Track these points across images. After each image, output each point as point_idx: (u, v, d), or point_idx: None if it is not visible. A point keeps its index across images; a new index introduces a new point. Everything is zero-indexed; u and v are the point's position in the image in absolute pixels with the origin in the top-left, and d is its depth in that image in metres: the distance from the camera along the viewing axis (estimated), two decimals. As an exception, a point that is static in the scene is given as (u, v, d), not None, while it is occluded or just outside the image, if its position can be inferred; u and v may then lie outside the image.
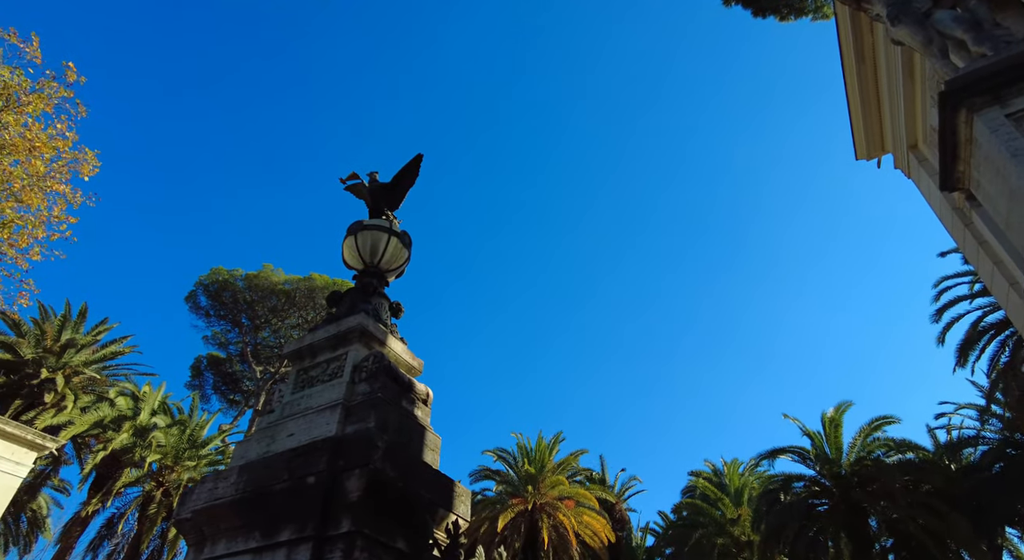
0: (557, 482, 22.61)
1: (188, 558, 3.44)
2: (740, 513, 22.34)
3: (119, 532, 22.35)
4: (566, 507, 21.66)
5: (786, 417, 19.82)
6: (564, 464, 24.16)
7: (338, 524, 3.01)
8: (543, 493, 22.46)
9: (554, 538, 21.32)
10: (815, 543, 17.65)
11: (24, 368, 21.57)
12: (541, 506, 22.04)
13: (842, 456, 18.66)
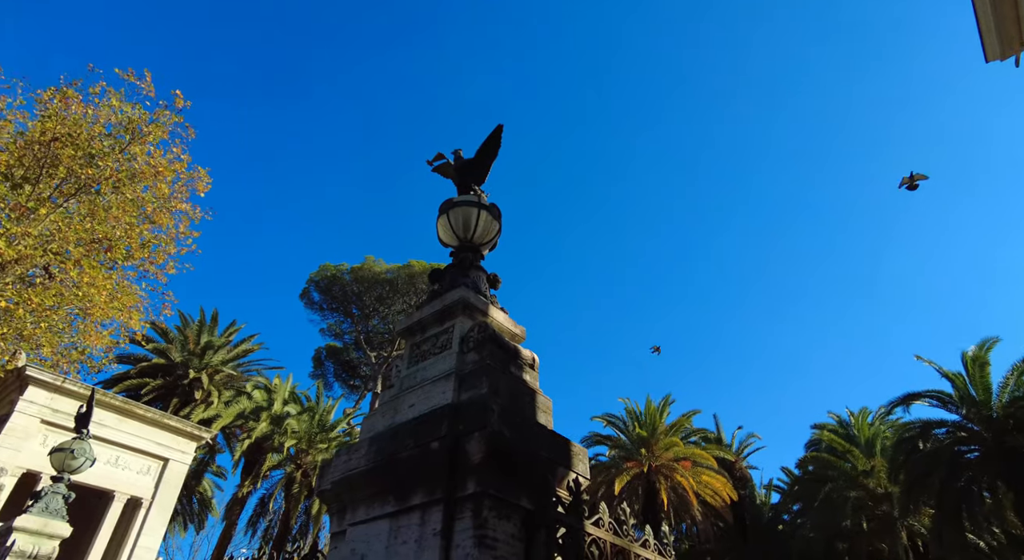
0: (671, 444, 22.39)
1: (332, 525, 3.74)
2: (873, 464, 21.04)
3: (270, 509, 24.90)
4: (683, 468, 21.46)
5: (919, 359, 18.26)
6: (676, 426, 23.85)
7: (464, 485, 3.14)
8: (657, 455, 22.36)
9: (673, 499, 21.24)
10: (967, 493, 16.27)
11: (175, 370, 24.28)
12: (657, 468, 21.98)
13: (991, 398, 16.97)
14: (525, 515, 3.21)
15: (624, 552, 3.52)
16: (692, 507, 20.76)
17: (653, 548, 3.82)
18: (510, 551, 3.00)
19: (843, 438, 22.54)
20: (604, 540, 3.37)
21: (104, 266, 16.59)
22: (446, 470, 3.18)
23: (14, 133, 15.72)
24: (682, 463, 21.52)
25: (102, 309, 16.09)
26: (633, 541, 3.63)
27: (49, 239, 15.05)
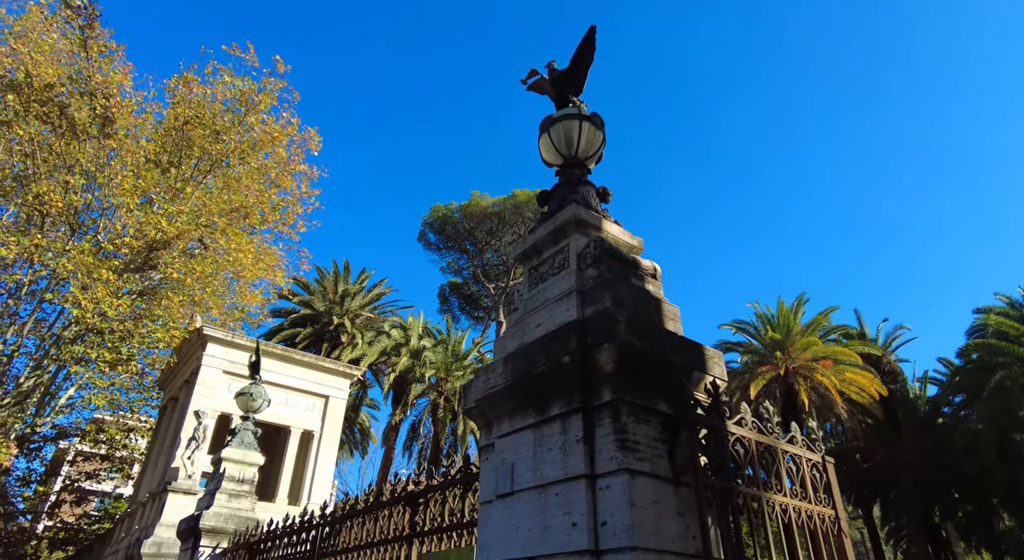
0: (808, 344, 21.38)
1: (481, 439, 4.03)
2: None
3: (421, 433, 27.48)
4: (823, 367, 20.51)
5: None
6: (813, 325, 22.64)
7: (600, 394, 3.23)
8: (794, 357, 21.51)
9: (814, 399, 20.51)
10: None
11: (321, 318, 26.86)
12: (794, 370, 21.21)
13: None
14: (664, 419, 3.25)
15: (771, 449, 3.49)
16: (836, 406, 19.96)
17: (801, 444, 3.75)
18: (653, 453, 3.08)
19: (1016, 320, 20.17)
20: (748, 438, 3.35)
21: (245, 232, 18.33)
22: (580, 382, 3.28)
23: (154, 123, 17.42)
24: (822, 362, 20.56)
25: (250, 270, 17.90)
26: (779, 438, 3.58)
27: (198, 214, 16.80)
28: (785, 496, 3.36)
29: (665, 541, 2.86)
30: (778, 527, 3.23)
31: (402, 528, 5.15)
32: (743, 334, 24.39)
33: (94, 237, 15.61)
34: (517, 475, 3.51)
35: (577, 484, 3.09)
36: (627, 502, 2.84)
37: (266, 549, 7.49)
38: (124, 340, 14.94)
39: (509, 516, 3.43)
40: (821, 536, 3.44)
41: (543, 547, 3.12)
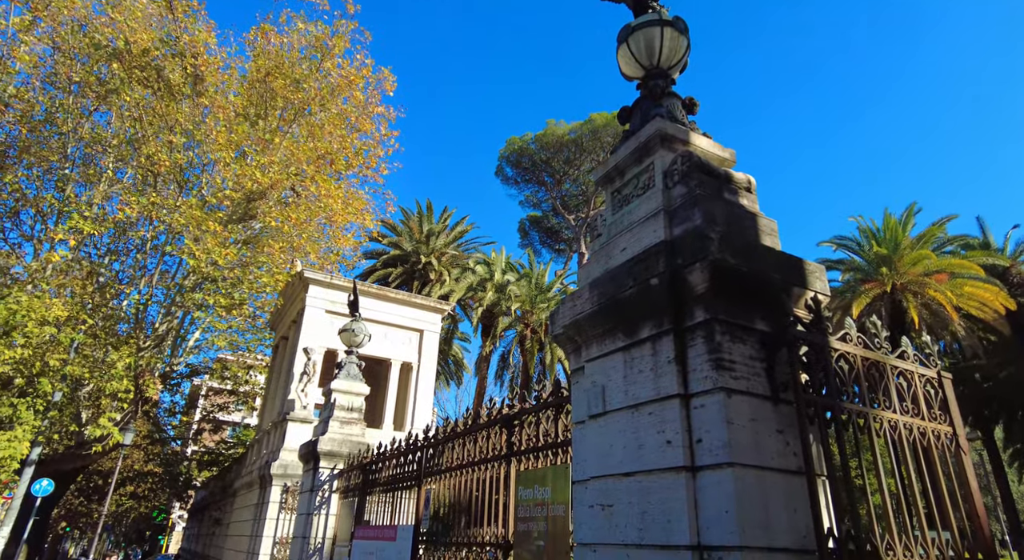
0: (920, 257, 19.71)
1: (571, 363, 4.09)
2: None
3: (510, 363, 28.47)
4: (936, 282, 18.91)
5: None
6: (925, 237, 20.77)
7: (692, 315, 3.15)
8: (902, 272, 19.95)
9: (925, 316, 19.10)
10: None
11: (409, 258, 27.85)
12: (903, 286, 19.73)
13: None
14: (762, 337, 3.14)
15: (878, 365, 3.30)
16: (952, 323, 18.50)
17: (913, 359, 3.52)
18: (749, 371, 3.00)
19: None
20: (853, 354, 3.18)
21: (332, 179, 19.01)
22: (670, 304, 3.20)
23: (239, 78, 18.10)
24: (935, 277, 18.92)
25: (341, 215, 18.66)
26: (887, 353, 3.37)
27: (287, 163, 17.55)
28: (895, 412, 3.20)
29: (764, 457, 2.83)
30: (886, 444, 3.10)
31: (500, 447, 5.42)
32: (844, 251, 22.81)
33: (199, 192, 16.77)
34: (608, 396, 3.55)
35: (670, 403, 3.09)
36: (723, 419, 2.81)
37: (377, 469, 8.17)
38: (235, 286, 16.24)
39: (602, 435, 3.51)
40: (936, 453, 3.27)
41: (638, 464, 3.17)
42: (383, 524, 7.48)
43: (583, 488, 3.58)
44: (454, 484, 6.15)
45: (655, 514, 2.98)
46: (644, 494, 3.08)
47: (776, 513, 2.74)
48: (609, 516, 3.28)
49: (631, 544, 3.08)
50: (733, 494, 2.67)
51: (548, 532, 4.36)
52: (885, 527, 2.87)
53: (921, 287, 19.24)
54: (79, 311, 14.77)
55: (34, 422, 13.70)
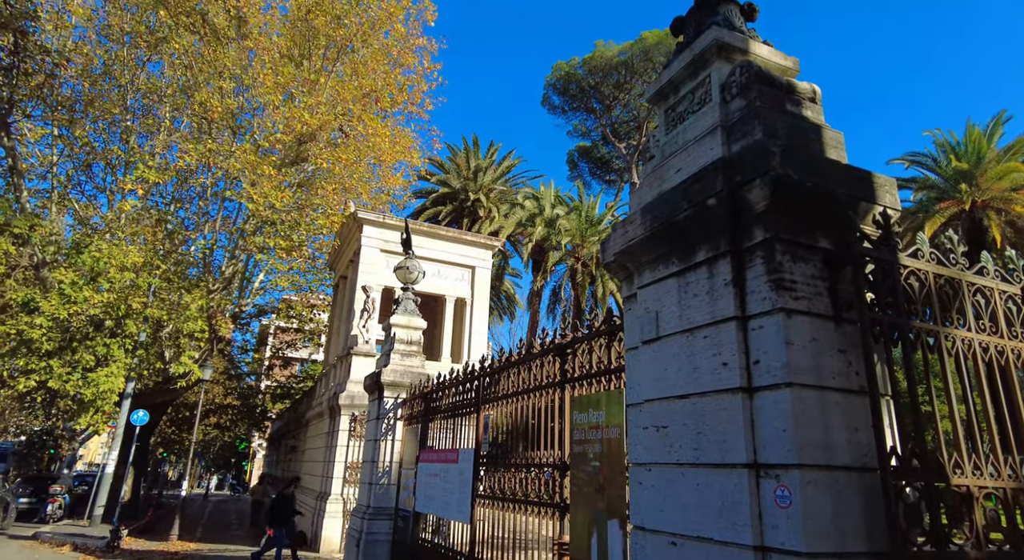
0: (1007, 171, 18.17)
1: (623, 291, 4.05)
2: None
3: (562, 297, 28.65)
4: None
5: None
6: (1014, 148, 19.07)
7: (751, 235, 3.03)
8: (984, 188, 18.51)
9: (1009, 235, 17.82)
10: None
11: (458, 195, 27.88)
12: (984, 204, 18.36)
13: None
14: (825, 255, 3.00)
15: (952, 282, 3.12)
16: (1039, 242, 17.22)
17: (993, 275, 3.30)
18: (811, 291, 2.89)
19: None
20: (924, 271, 3.01)
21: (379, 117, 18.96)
22: (728, 224, 3.09)
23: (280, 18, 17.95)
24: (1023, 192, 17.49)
25: (388, 154, 18.70)
26: (964, 269, 3.17)
27: (334, 104, 17.56)
28: (969, 331, 3.04)
29: (824, 377, 2.76)
30: (958, 364, 2.97)
31: (554, 375, 5.53)
32: (917, 168, 21.24)
33: (251, 137, 17.09)
34: (662, 322, 3.51)
35: (727, 326, 3.03)
36: (782, 340, 2.74)
37: (437, 398, 8.52)
38: (293, 229, 16.76)
39: (656, 359, 3.50)
40: (1014, 372, 3.12)
41: (692, 386, 3.17)
42: (445, 448, 7.88)
43: (637, 411, 3.62)
44: (511, 411, 6.36)
45: (710, 435, 3.00)
46: (699, 415, 3.09)
47: (836, 432, 2.70)
48: (664, 437, 3.32)
49: (686, 463, 3.12)
50: (790, 413, 2.63)
51: (603, 453, 4.48)
52: (953, 446, 2.79)
53: (1006, 203, 17.82)
54: (152, 257, 15.65)
55: (125, 360, 14.90)
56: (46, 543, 13.12)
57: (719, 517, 2.86)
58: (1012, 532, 2.74)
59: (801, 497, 2.52)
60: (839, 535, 2.55)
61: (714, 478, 2.93)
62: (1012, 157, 18.40)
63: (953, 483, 2.68)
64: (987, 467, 2.79)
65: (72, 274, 13.18)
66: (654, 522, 3.30)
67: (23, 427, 28.08)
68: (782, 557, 2.56)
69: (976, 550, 2.61)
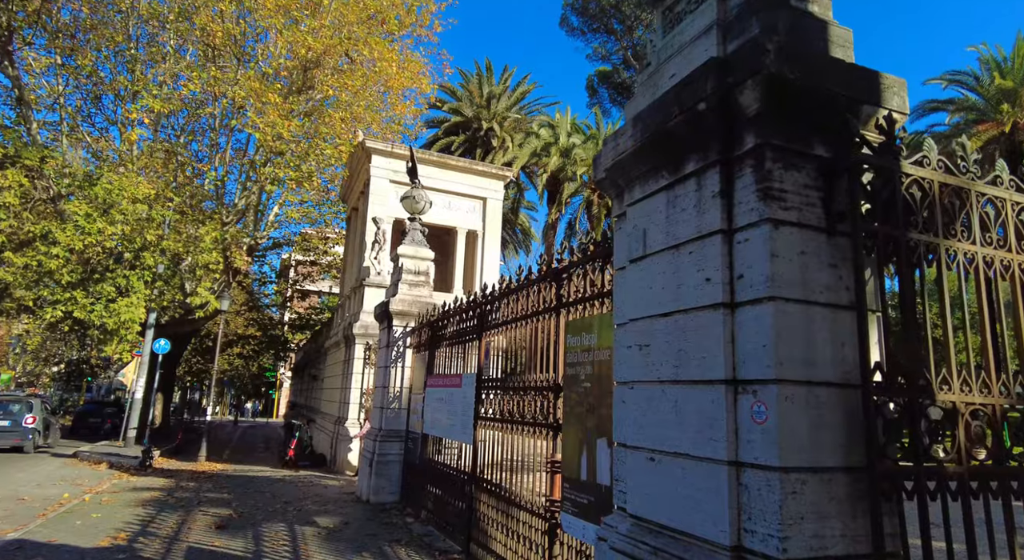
0: (1052, 91, 16.92)
1: (614, 209, 3.89)
2: None
3: (577, 230, 28.28)
4: (1069, 119, 16.37)
5: None
6: (1063, 66, 17.69)
7: (741, 142, 2.83)
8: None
9: (1049, 161, 16.86)
10: None
11: (471, 124, 27.15)
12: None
13: None
14: (820, 163, 2.80)
15: (960, 192, 2.90)
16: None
17: (1008, 185, 3.07)
18: (802, 201, 2.71)
19: None
20: (929, 179, 2.79)
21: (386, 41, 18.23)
22: (718, 130, 2.88)
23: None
24: (1068, 114, 16.34)
25: (396, 79, 18.11)
26: (974, 178, 2.95)
27: (338, 27, 16.88)
28: (974, 244, 2.86)
29: (812, 292, 2.63)
30: (960, 278, 2.81)
31: (550, 300, 5.47)
32: (957, 87, 19.92)
33: (256, 64, 16.62)
34: (649, 239, 3.38)
35: (712, 240, 2.88)
36: (767, 253, 2.60)
37: (443, 326, 8.58)
38: (302, 159, 16.56)
39: (641, 278, 3.39)
40: (1020, 288, 2.95)
41: (675, 303, 3.07)
42: (450, 373, 8.00)
43: (623, 331, 3.55)
44: (511, 336, 6.36)
45: (691, 351, 2.92)
46: (681, 333, 3.01)
47: (821, 348, 2.60)
48: (646, 355, 3.25)
49: (666, 380, 3.06)
50: (771, 328, 2.53)
51: (594, 375, 4.47)
52: (944, 363, 2.68)
53: (1048, 127, 16.76)
54: (164, 189, 15.67)
55: (145, 291, 15.24)
56: (85, 461, 13.96)
57: (696, 433, 2.82)
58: (997, 448, 2.66)
59: (777, 412, 2.46)
60: (815, 450, 2.49)
61: (693, 395, 2.88)
62: (1061, 74, 17.09)
63: (939, 399, 2.58)
64: (977, 384, 2.69)
65: (86, 206, 13.29)
66: (635, 439, 3.29)
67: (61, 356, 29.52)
68: (755, 471, 2.53)
69: (957, 465, 2.55)
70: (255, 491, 10.49)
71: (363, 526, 7.78)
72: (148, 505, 8.60)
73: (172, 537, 6.62)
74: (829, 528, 2.46)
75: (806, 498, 2.44)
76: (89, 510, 8.00)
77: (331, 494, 10.54)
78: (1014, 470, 2.66)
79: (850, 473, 2.54)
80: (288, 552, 6.22)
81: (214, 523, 7.41)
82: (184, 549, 6.09)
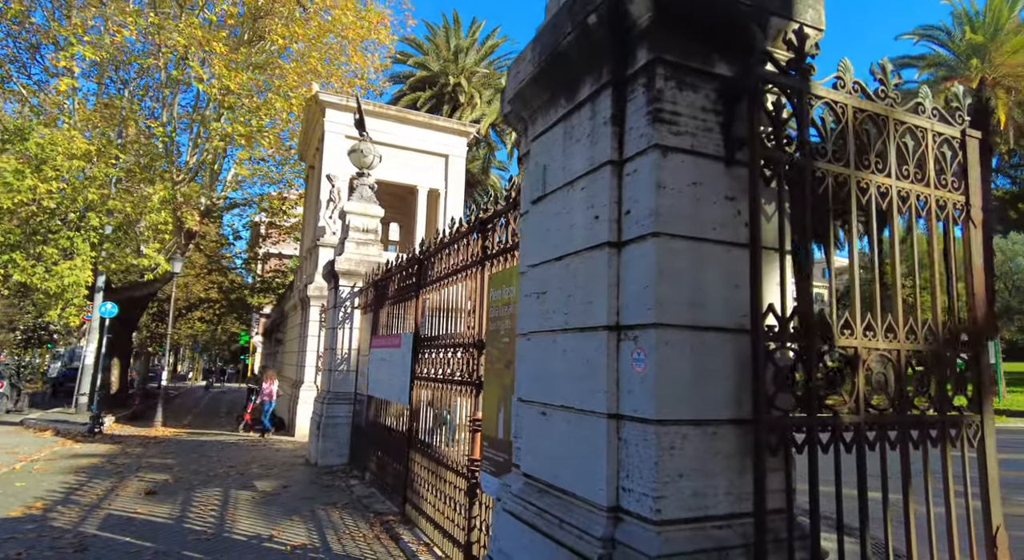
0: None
1: (520, 147, 3.55)
2: None
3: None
4: (1036, 73, 16.18)
5: None
6: (1033, 17, 17.40)
7: (634, 59, 2.50)
8: (997, 63, 17.15)
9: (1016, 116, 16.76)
10: None
11: (438, 79, 26.18)
12: (993, 82, 17.09)
13: None
14: (722, 84, 2.49)
15: (877, 119, 2.62)
16: (1044, 124, 16.18)
17: (931, 114, 2.80)
18: (698, 125, 2.41)
19: None
20: (842, 104, 2.51)
21: (343, -14, 17.27)
22: (609, 46, 2.54)
23: None
24: (1036, 67, 16.11)
25: (354, 29, 17.24)
26: (893, 105, 2.66)
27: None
28: (888, 177, 2.59)
29: (703, 228, 2.35)
30: (871, 213, 2.56)
31: (476, 253, 5.17)
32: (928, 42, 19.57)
33: (199, 11, 15.61)
34: (548, 177, 3.06)
35: (602, 173, 2.58)
36: (653, 184, 2.30)
37: (385, 285, 8.26)
38: (253, 114, 15.78)
39: (539, 221, 3.10)
40: (935, 225, 2.71)
41: (567, 246, 2.78)
42: (391, 334, 7.72)
43: (525, 279, 3.27)
44: (445, 293, 6.08)
45: (579, 296, 2.65)
46: (571, 277, 2.73)
47: (712, 290, 2.34)
48: (542, 303, 2.99)
49: (558, 329, 2.80)
50: (654, 267, 2.25)
51: (511, 329, 4.21)
52: (848, 306, 2.44)
53: (1017, 80, 16.57)
54: (107, 146, 14.86)
55: (91, 253, 14.59)
56: (31, 428, 13.55)
57: (581, 384, 2.58)
58: (899, 395, 2.46)
59: (656, 360, 2.20)
60: (701, 402, 2.26)
61: (580, 343, 2.62)
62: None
63: (839, 344, 2.35)
64: (882, 327, 2.46)
65: (15, 162, 12.51)
66: (529, 392, 3.05)
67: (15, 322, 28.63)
68: (634, 425, 2.29)
69: (854, 414, 2.34)
70: (202, 456, 10.24)
71: (304, 489, 7.59)
72: (82, 472, 8.31)
73: (94, 505, 6.34)
74: (712, 486, 2.25)
75: (687, 454, 2.21)
76: (15, 479, 7.69)
77: (281, 458, 10.34)
78: (915, 418, 2.47)
79: (740, 426, 2.31)
80: (214, 517, 5.99)
81: (145, 489, 7.15)
82: (102, 517, 5.83)
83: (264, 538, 5.35)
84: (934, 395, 2.58)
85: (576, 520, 2.46)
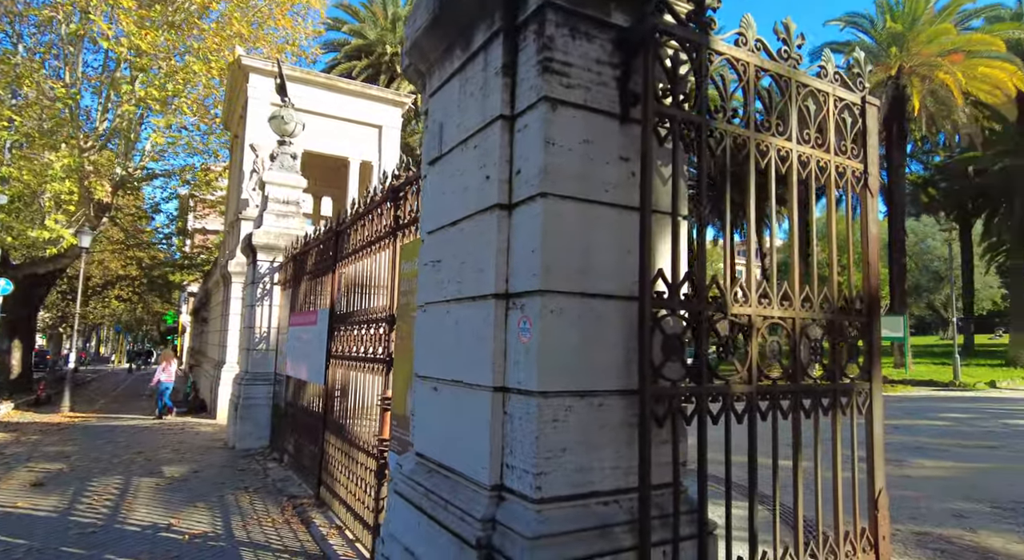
0: (937, 34, 17.52)
1: (422, 105, 3.31)
2: None
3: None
4: (949, 62, 17.00)
5: None
6: (949, 9, 18.32)
7: (525, 4, 2.30)
8: (913, 52, 17.94)
9: (929, 104, 17.61)
10: None
11: (375, 48, 25.18)
12: (910, 70, 17.88)
13: None
14: (619, 35, 2.32)
15: (780, 80, 2.53)
16: (955, 111, 17.07)
17: (832, 78, 2.74)
18: (592, 79, 2.23)
19: None
20: (744, 62, 2.39)
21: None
22: (500, -10, 2.33)
23: None
24: (950, 57, 16.93)
25: (279, -9, 16.22)
26: (796, 66, 2.58)
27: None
28: (789, 140, 2.52)
29: (594, 189, 2.20)
30: (770, 177, 2.48)
31: (389, 223, 4.91)
32: (853, 30, 20.31)
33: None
34: (445, 135, 2.84)
35: (493, 128, 2.38)
36: (542, 140, 2.12)
37: (304, 259, 7.86)
38: (169, 77, 14.69)
39: (437, 183, 2.88)
40: (833, 192, 2.67)
41: (462, 209, 2.58)
42: (309, 310, 7.36)
43: (424, 247, 3.05)
44: (360, 265, 5.79)
45: (471, 263, 2.46)
46: (464, 243, 2.54)
47: (602, 255, 2.20)
48: (437, 272, 2.79)
49: (451, 299, 2.62)
50: (540, 231, 2.09)
51: (418, 302, 4.00)
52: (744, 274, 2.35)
53: (931, 70, 17.38)
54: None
55: (-19, 224, 13.34)
56: (-83, 417, 12.39)
57: (471, 356, 2.40)
58: (793, 364, 2.41)
59: (540, 328, 2.05)
60: (588, 372, 2.13)
61: (469, 313, 2.44)
62: (945, 19, 17.66)
63: (732, 312, 2.27)
64: (777, 295, 2.40)
65: None
66: (423, 367, 2.87)
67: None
68: (519, 398, 2.14)
69: (746, 384, 2.27)
70: (109, 442, 9.59)
71: (216, 474, 7.20)
72: (-38, 464, 7.59)
73: (-34, 500, 5.77)
74: (598, 460, 2.13)
75: (570, 427, 2.08)
76: None
77: (199, 441, 9.82)
78: (807, 387, 2.43)
79: (628, 397, 2.20)
80: (107, 508, 5.56)
81: (32, 480, 6.58)
82: (-27, 512, 5.29)
83: (161, 528, 4.99)
84: (827, 363, 2.56)
85: (460, 501, 2.31)
